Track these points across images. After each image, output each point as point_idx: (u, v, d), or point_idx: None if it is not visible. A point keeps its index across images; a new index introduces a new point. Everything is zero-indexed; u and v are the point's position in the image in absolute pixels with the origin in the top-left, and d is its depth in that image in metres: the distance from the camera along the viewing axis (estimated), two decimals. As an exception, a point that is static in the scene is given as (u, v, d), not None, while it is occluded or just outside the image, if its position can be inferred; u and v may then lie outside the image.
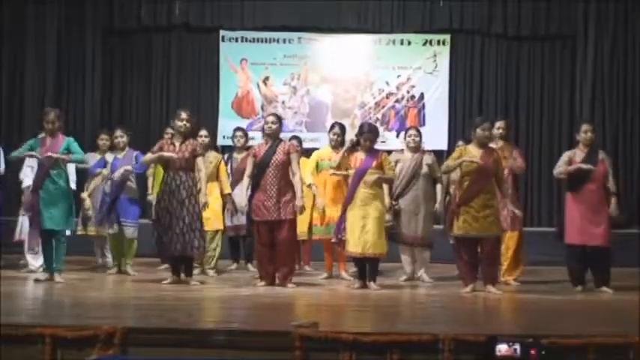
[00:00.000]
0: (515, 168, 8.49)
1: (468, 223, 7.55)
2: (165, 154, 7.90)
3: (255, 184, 7.92)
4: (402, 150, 8.84)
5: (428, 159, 8.62)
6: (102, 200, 8.86)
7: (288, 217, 7.85)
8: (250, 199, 7.98)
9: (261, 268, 7.98)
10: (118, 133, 9.00)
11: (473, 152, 7.67)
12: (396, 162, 8.40)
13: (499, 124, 8.68)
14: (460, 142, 8.58)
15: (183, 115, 7.99)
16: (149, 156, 8.13)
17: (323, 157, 8.74)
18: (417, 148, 8.64)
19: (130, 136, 9.03)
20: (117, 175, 8.73)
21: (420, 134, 8.75)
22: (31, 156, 8.08)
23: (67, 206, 8.08)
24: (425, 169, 8.55)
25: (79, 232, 9.16)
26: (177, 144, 7.94)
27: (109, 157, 9.03)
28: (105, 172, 8.97)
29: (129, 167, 8.76)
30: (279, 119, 8.16)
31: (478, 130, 7.71)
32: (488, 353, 4.71)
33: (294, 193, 7.92)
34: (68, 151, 8.03)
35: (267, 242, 7.86)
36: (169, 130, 8.95)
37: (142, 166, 8.78)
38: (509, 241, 8.37)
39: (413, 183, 8.50)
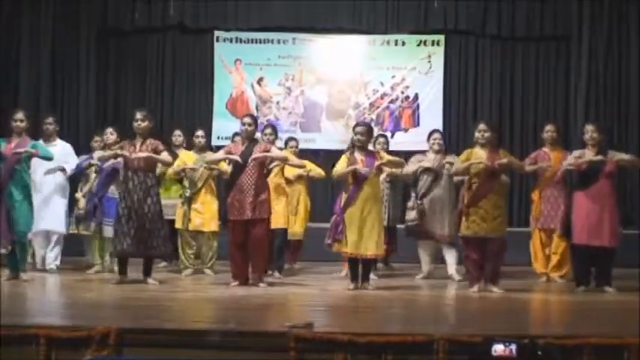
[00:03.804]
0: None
1: (477, 224, 7.60)
2: (118, 151, 7.90)
3: (232, 184, 7.95)
4: (425, 152, 8.97)
5: (450, 158, 8.69)
6: (89, 199, 8.81)
7: (262, 216, 7.87)
8: (226, 197, 8.01)
9: (234, 267, 7.99)
10: (109, 130, 8.94)
11: (479, 154, 7.72)
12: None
13: (548, 127, 8.93)
14: None
15: (138, 115, 7.95)
16: (106, 153, 8.18)
17: None
18: (440, 151, 8.81)
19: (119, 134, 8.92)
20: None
21: (443, 137, 8.96)
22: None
23: (28, 207, 8.01)
24: (447, 168, 8.63)
25: (71, 231, 9.10)
26: (137, 144, 7.90)
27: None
28: (93, 161, 8.88)
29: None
30: (255, 121, 8.20)
31: (476, 133, 7.80)
32: (484, 354, 4.70)
33: (269, 193, 7.99)
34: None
35: (241, 242, 7.88)
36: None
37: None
38: (560, 241, 8.50)
39: (436, 183, 8.64)
